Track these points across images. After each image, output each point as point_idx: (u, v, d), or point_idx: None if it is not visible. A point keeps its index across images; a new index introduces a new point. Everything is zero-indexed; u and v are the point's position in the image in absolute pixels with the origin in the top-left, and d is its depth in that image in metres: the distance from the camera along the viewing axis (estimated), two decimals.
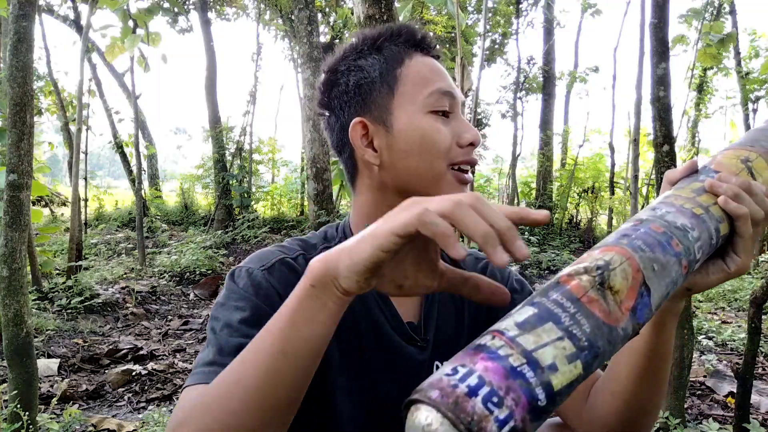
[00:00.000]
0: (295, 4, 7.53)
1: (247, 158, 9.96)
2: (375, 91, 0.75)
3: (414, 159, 0.72)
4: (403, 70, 0.74)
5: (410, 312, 0.78)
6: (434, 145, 0.72)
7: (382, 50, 0.76)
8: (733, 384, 2.30)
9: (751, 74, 8.59)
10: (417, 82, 0.74)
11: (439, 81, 0.74)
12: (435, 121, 0.73)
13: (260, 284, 0.71)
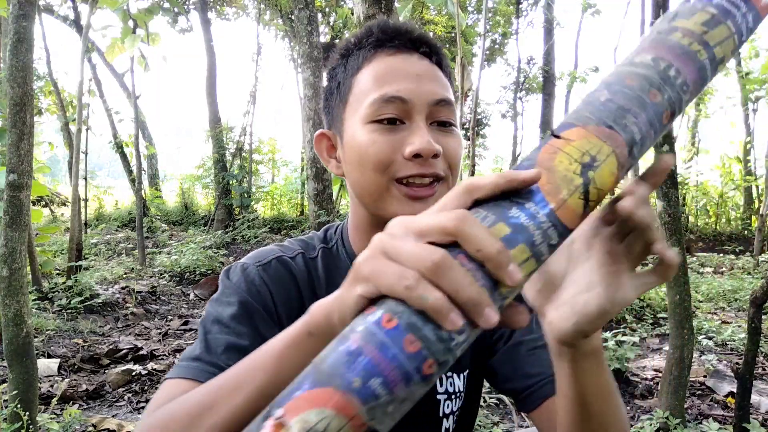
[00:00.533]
0: (295, 4, 7.54)
1: (247, 158, 9.96)
2: (333, 101, 0.74)
3: (356, 173, 0.69)
4: (358, 77, 0.70)
5: None
6: (368, 158, 0.67)
7: (349, 56, 0.73)
8: (733, 384, 2.30)
9: (751, 74, 8.59)
10: (365, 88, 0.69)
11: (388, 85, 0.67)
12: (372, 132, 0.67)
13: (253, 281, 0.71)
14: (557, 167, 0.39)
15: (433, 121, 0.69)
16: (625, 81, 0.42)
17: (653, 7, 2.20)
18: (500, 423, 2.42)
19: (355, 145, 0.69)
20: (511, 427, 2.44)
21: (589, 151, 0.39)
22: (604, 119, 0.40)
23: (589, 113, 0.41)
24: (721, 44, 0.43)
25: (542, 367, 0.73)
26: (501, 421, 2.45)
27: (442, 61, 0.73)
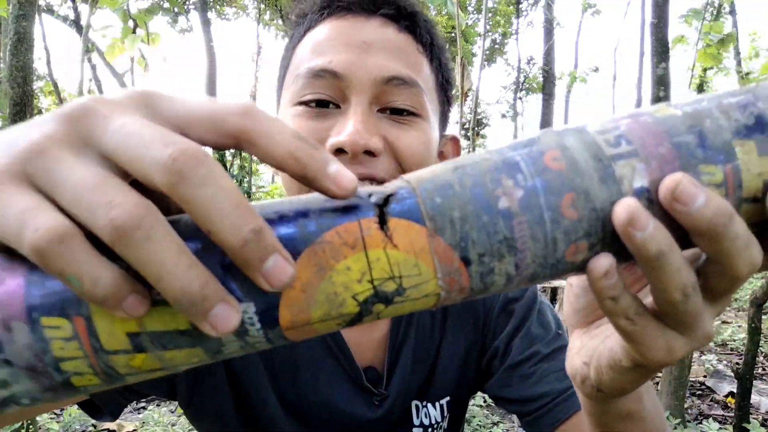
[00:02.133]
0: (295, 4, 7.54)
1: (247, 158, 9.96)
2: (278, 83, 0.61)
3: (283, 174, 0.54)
4: (298, 48, 0.56)
5: (371, 352, 0.62)
6: None
7: (297, 25, 0.58)
8: (733, 384, 2.30)
9: (751, 74, 8.60)
10: (299, 61, 0.54)
11: (319, 56, 0.51)
12: (295, 116, 0.52)
13: None
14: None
15: (385, 107, 0.52)
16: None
17: (653, 7, 2.20)
18: (500, 423, 2.42)
19: None
20: (510, 427, 2.44)
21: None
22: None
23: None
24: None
25: (548, 384, 0.60)
26: (501, 421, 2.45)
27: (418, 28, 0.55)
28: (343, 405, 0.59)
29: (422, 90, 0.53)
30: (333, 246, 0.22)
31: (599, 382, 0.32)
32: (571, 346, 0.36)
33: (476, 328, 0.66)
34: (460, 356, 0.65)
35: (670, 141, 0.24)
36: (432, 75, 0.56)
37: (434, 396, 0.65)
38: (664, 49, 2.16)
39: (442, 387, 0.65)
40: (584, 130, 0.25)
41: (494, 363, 0.65)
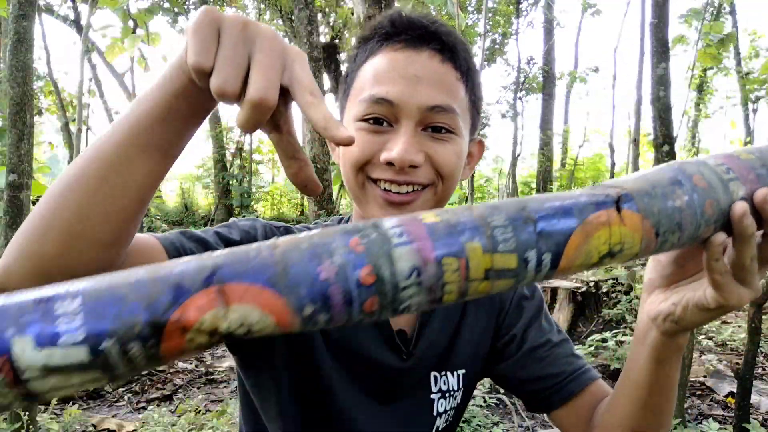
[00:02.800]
0: (295, 4, 7.53)
1: (247, 158, 9.96)
2: (344, 92, 0.73)
3: (342, 168, 0.69)
4: (361, 71, 0.68)
5: (403, 319, 0.74)
6: (349, 155, 0.66)
7: (360, 48, 0.70)
8: (733, 384, 2.30)
9: (751, 74, 8.59)
10: (361, 85, 0.67)
11: (381, 85, 0.64)
12: (358, 130, 0.65)
13: (255, 227, 0.71)
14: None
15: (427, 125, 0.65)
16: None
17: (653, 7, 2.20)
18: (500, 423, 2.42)
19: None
20: (510, 426, 2.44)
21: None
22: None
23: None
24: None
25: (563, 365, 0.75)
26: (501, 421, 2.45)
27: (457, 58, 0.66)
28: (377, 356, 0.72)
29: (458, 114, 0.66)
30: (593, 224, 0.39)
31: (681, 318, 0.51)
32: (653, 299, 0.55)
33: (491, 315, 0.79)
34: (476, 335, 0.78)
35: (754, 172, 0.45)
36: (467, 96, 0.69)
37: (453, 365, 0.77)
38: (664, 49, 2.16)
39: (460, 359, 0.77)
40: (708, 164, 0.45)
41: (510, 347, 0.78)
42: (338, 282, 0.33)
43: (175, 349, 0.31)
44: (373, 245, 0.34)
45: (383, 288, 0.33)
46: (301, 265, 0.32)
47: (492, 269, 0.36)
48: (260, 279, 0.32)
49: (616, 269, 4.35)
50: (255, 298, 0.31)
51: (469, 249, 0.35)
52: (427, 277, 0.34)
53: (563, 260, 0.38)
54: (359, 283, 0.33)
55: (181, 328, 0.30)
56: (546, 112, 11.19)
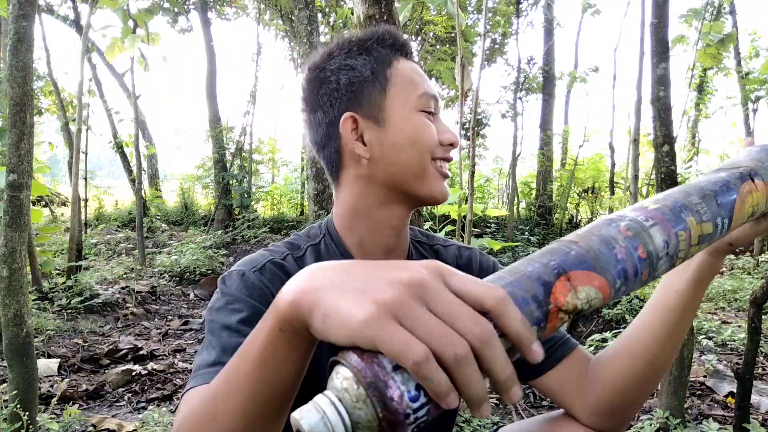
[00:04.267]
0: (295, 4, 7.53)
1: (247, 158, 9.96)
2: (366, 89, 0.78)
3: (405, 152, 0.77)
4: (392, 72, 0.79)
5: None
6: (424, 139, 0.77)
7: (371, 52, 0.80)
8: (733, 384, 2.30)
9: (751, 74, 8.59)
10: (407, 83, 0.79)
11: (425, 84, 0.80)
12: (425, 118, 0.78)
13: (253, 284, 0.72)
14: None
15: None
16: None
17: (653, 7, 2.19)
18: (500, 423, 2.42)
19: (410, 128, 0.77)
20: None
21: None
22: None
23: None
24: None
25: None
26: (501, 422, 2.45)
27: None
28: None
29: None
30: (744, 193, 0.51)
31: (735, 238, 0.66)
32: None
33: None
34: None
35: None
36: None
37: None
38: (664, 49, 2.16)
39: None
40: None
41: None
42: (629, 259, 0.44)
43: (551, 329, 0.41)
44: (636, 229, 0.45)
45: (651, 259, 0.45)
46: (604, 251, 0.43)
47: (702, 235, 0.50)
48: (586, 266, 0.42)
49: None
50: (590, 281, 0.41)
51: (689, 222, 0.49)
52: (671, 247, 0.47)
53: (733, 222, 0.53)
54: (639, 258, 0.44)
55: (557, 310, 0.40)
56: (546, 112, 11.18)
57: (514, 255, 7.17)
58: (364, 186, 0.80)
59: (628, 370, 0.75)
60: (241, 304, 0.69)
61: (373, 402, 0.34)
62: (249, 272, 0.73)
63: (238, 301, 0.69)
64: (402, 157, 0.77)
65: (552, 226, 9.83)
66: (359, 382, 0.34)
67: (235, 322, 0.67)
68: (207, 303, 5.18)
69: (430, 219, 4.45)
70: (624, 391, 0.76)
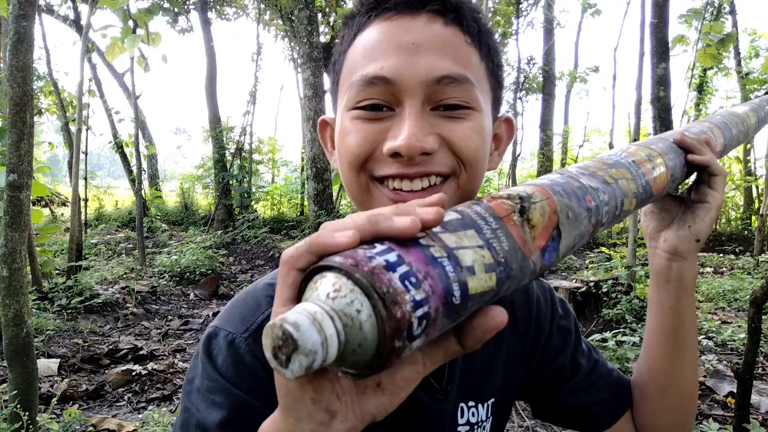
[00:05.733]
0: (295, 4, 7.54)
1: (247, 158, 9.96)
2: (332, 85, 0.62)
3: (341, 168, 0.58)
4: (349, 52, 0.57)
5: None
6: (344, 152, 0.56)
7: (345, 26, 0.59)
8: (733, 384, 2.30)
9: (751, 74, 8.59)
10: (351, 68, 0.56)
11: (373, 62, 0.53)
12: (352, 120, 0.55)
13: (242, 361, 0.54)
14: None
15: (438, 104, 0.54)
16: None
17: (653, 7, 2.19)
18: None
19: (338, 135, 0.57)
20: (510, 426, 2.44)
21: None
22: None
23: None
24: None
25: (610, 384, 0.77)
26: None
27: (463, 18, 0.55)
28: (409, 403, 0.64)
29: (473, 84, 0.54)
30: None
31: (697, 231, 0.67)
32: (664, 240, 0.69)
33: (525, 341, 0.73)
34: (510, 363, 0.72)
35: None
36: (482, 63, 0.57)
37: (483, 396, 0.69)
38: (664, 49, 2.16)
39: (492, 389, 0.70)
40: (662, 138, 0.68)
41: (563, 375, 0.75)
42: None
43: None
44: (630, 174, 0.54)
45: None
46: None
47: (672, 177, 0.61)
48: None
49: (616, 269, 4.35)
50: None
51: (667, 164, 0.60)
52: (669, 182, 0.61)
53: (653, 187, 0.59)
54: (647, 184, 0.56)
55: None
56: (546, 112, 11.18)
57: None
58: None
59: (667, 406, 0.73)
60: (223, 397, 0.53)
61: (376, 288, 0.30)
62: (239, 339, 0.55)
63: (221, 390, 0.53)
64: (343, 176, 0.58)
65: None
66: (357, 281, 0.30)
67: (214, 426, 0.52)
68: (207, 303, 5.18)
69: None
70: (671, 427, 0.74)
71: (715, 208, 0.67)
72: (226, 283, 5.88)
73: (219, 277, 5.88)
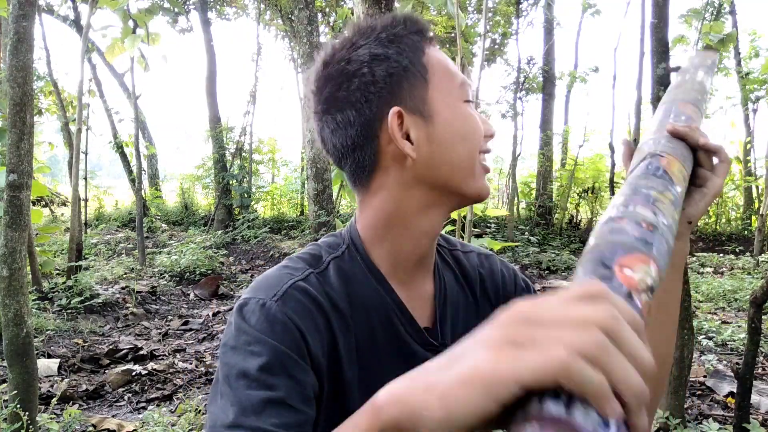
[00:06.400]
0: (295, 4, 7.54)
1: (247, 158, 9.96)
2: (407, 80, 0.69)
3: (457, 149, 0.70)
4: (427, 59, 0.71)
5: (425, 316, 0.76)
6: (475, 133, 0.71)
7: (402, 39, 0.70)
8: (733, 384, 2.30)
9: (751, 74, 8.59)
10: (445, 71, 0.71)
11: (458, 72, 0.74)
12: (472, 110, 0.73)
13: (275, 319, 0.62)
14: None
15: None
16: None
17: (653, 7, 2.19)
18: None
19: (461, 122, 0.71)
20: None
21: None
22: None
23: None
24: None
25: None
26: None
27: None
28: (417, 354, 0.72)
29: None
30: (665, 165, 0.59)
31: (691, 215, 0.68)
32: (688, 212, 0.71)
33: (493, 307, 0.83)
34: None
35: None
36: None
37: None
38: (664, 49, 2.16)
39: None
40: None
41: None
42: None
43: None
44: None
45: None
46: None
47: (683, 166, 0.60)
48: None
49: None
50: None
51: (685, 173, 0.60)
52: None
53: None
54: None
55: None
56: (546, 112, 11.18)
57: (514, 255, 7.17)
58: (405, 189, 0.71)
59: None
60: (261, 346, 0.60)
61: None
62: (270, 302, 0.63)
63: (258, 341, 0.60)
64: (454, 155, 0.70)
65: (552, 226, 9.83)
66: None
67: (255, 369, 0.58)
68: (207, 303, 5.18)
69: None
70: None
71: (712, 194, 0.68)
72: (226, 283, 5.87)
73: (219, 277, 5.88)
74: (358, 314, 0.70)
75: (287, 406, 0.58)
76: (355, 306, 0.71)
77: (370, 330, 0.71)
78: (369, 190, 0.73)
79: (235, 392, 0.58)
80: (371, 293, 0.72)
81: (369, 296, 0.72)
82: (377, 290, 0.73)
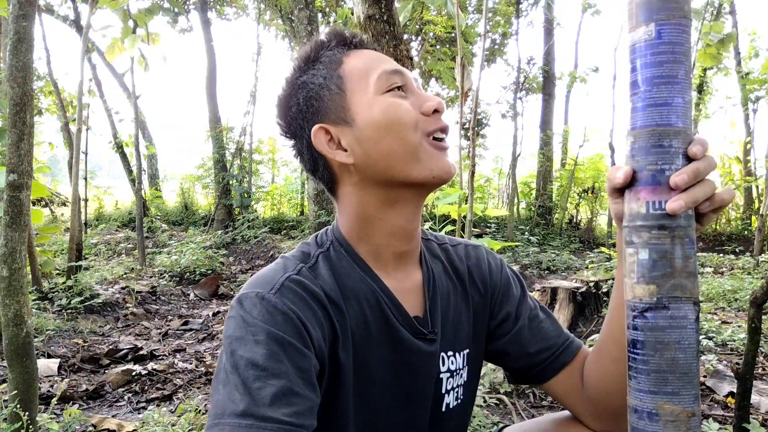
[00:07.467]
0: (295, 4, 7.54)
1: (247, 158, 9.96)
2: (324, 96, 0.75)
3: (386, 140, 0.72)
4: (344, 68, 0.75)
5: (415, 306, 0.80)
6: (400, 119, 0.72)
7: (318, 60, 0.77)
8: (733, 384, 2.30)
9: (751, 74, 8.58)
10: (361, 73, 0.75)
11: (383, 64, 0.76)
12: (393, 97, 0.74)
13: (275, 308, 0.65)
14: None
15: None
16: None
17: None
18: (500, 423, 2.42)
19: (379, 114, 0.73)
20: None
21: None
22: None
23: None
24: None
25: (552, 338, 0.86)
26: (501, 421, 2.45)
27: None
28: (408, 343, 0.77)
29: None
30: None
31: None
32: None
33: (484, 296, 0.87)
34: (475, 316, 0.86)
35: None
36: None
37: (459, 346, 0.84)
38: None
39: (464, 338, 0.84)
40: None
41: (506, 325, 0.87)
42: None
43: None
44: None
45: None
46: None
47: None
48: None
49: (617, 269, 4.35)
50: None
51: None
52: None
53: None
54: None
55: None
56: (546, 112, 11.18)
57: (514, 255, 7.17)
58: (362, 192, 0.76)
59: (615, 372, 0.73)
60: (265, 336, 0.62)
61: None
62: (269, 295, 0.66)
63: (263, 332, 0.63)
64: (383, 147, 0.72)
65: (552, 226, 9.82)
66: None
67: (262, 358, 0.60)
68: (207, 303, 5.18)
69: (430, 219, 4.45)
70: (620, 394, 0.73)
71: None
72: (226, 283, 5.88)
73: (219, 277, 5.88)
74: (351, 303, 0.74)
75: (295, 393, 0.60)
76: (347, 296, 0.75)
77: (363, 318, 0.75)
78: (338, 198, 0.80)
79: (244, 382, 0.59)
80: (359, 283, 0.76)
81: (358, 286, 0.76)
82: (365, 279, 0.76)
